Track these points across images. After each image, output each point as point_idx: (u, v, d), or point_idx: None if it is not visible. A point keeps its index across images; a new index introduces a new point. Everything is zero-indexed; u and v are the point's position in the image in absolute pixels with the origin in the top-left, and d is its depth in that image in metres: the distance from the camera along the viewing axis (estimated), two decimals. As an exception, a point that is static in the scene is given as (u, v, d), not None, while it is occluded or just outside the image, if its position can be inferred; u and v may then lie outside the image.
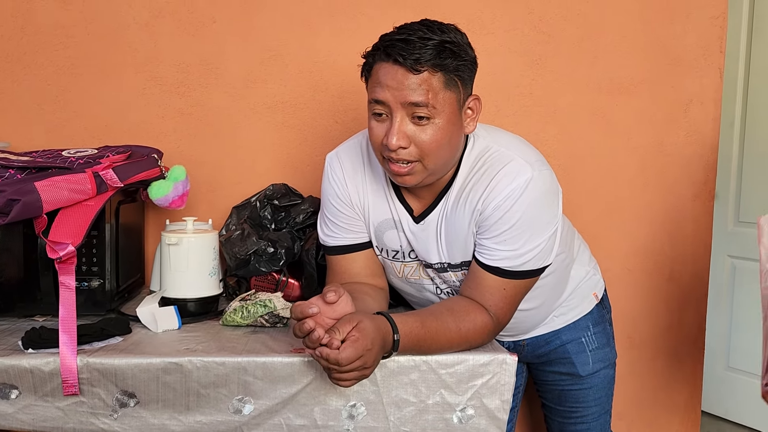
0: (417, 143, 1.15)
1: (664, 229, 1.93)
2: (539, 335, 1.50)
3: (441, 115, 1.14)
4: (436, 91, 1.13)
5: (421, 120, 1.14)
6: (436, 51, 1.11)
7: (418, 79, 1.12)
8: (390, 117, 1.15)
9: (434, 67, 1.12)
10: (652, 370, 1.96)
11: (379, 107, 1.16)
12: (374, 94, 1.16)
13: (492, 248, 1.22)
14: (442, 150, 1.17)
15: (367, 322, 1.07)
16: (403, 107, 1.13)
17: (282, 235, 1.60)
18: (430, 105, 1.13)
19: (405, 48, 1.11)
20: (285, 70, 1.80)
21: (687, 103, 1.91)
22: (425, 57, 1.11)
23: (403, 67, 1.11)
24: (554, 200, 1.25)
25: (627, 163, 1.91)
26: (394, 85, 1.12)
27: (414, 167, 1.18)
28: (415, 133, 1.15)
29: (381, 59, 1.15)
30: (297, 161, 1.81)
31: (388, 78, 1.13)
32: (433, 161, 1.17)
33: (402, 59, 1.11)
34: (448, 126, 1.16)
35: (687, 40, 1.88)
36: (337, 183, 1.34)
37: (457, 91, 1.16)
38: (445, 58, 1.12)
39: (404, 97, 1.12)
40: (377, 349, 1.07)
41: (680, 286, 1.94)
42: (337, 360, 1.02)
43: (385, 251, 1.37)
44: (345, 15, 1.79)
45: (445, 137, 1.16)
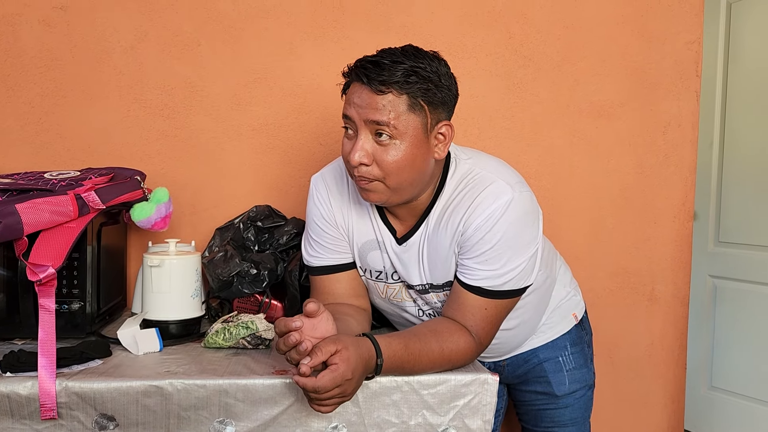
0: (378, 162, 1.18)
1: (644, 250, 1.95)
2: (519, 354, 1.50)
3: (404, 137, 1.16)
4: (399, 113, 1.15)
5: (382, 138, 1.16)
6: (404, 75, 1.14)
7: (382, 100, 1.15)
8: (356, 135, 1.19)
9: (399, 89, 1.14)
10: (633, 391, 1.97)
11: (347, 124, 1.20)
12: (343, 110, 1.20)
13: (474, 268, 1.23)
14: (404, 171, 1.19)
15: (351, 349, 1.06)
16: (366, 125, 1.17)
17: (265, 257, 1.60)
18: (392, 125, 1.15)
19: (373, 69, 1.15)
20: (269, 93, 1.81)
21: (665, 126, 1.94)
22: (391, 79, 1.14)
23: (368, 87, 1.15)
24: (534, 221, 1.27)
25: (607, 185, 1.93)
26: (359, 103, 1.16)
27: (375, 185, 1.20)
28: (377, 152, 1.17)
29: (354, 79, 1.19)
30: (281, 183, 1.82)
31: (355, 96, 1.17)
32: (395, 181, 1.19)
33: (367, 80, 1.15)
34: (411, 149, 1.17)
35: (664, 64, 1.93)
36: (322, 204, 1.36)
37: (423, 115, 1.17)
38: (413, 83, 1.15)
39: (367, 114, 1.16)
40: (358, 376, 1.07)
41: (661, 306, 1.96)
42: (314, 387, 1.02)
43: (369, 272, 1.38)
44: (329, 38, 1.82)
45: (407, 159, 1.18)
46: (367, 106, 1.16)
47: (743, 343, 2.71)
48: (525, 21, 1.87)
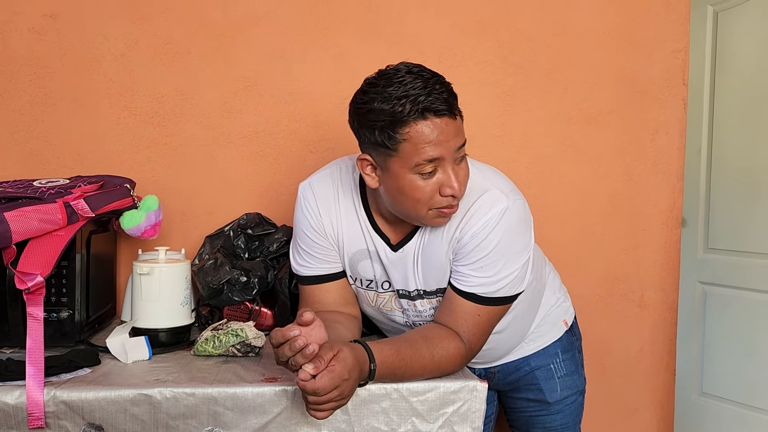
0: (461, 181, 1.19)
1: (633, 256, 1.97)
2: (510, 362, 1.51)
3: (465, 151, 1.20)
4: (463, 130, 1.19)
5: (460, 160, 1.18)
6: (451, 96, 1.15)
7: (457, 123, 1.16)
8: (441, 168, 1.16)
9: (457, 109, 1.17)
10: (623, 396, 1.98)
11: (430, 166, 1.15)
12: (427, 155, 1.13)
13: (468, 275, 1.24)
14: (468, 182, 1.22)
15: (346, 351, 1.07)
16: (452, 153, 1.16)
17: (255, 265, 1.60)
18: (465, 144, 1.18)
19: (439, 98, 1.12)
20: (260, 101, 1.82)
21: (653, 133, 1.96)
22: (451, 101, 1.14)
23: (447, 117, 1.13)
24: (527, 229, 1.29)
25: (596, 192, 1.95)
26: (444, 138, 1.13)
27: None
28: (458, 171, 1.18)
29: (419, 118, 1.12)
30: (271, 191, 1.82)
31: (438, 133, 1.12)
32: (462, 194, 1.21)
33: (444, 110, 1.12)
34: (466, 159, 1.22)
35: (652, 72, 1.95)
36: (310, 213, 1.35)
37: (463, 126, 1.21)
38: (455, 100, 1.16)
39: (453, 145, 1.15)
40: (354, 378, 1.07)
41: (650, 313, 1.98)
42: (314, 389, 1.02)
43: (359, 281, 1.38)
44: (320, 46, 1.83)
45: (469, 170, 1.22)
46: (453, 136, 1.14)
47: (733, 349, 2.71)
48: (515, 29, 1.89)
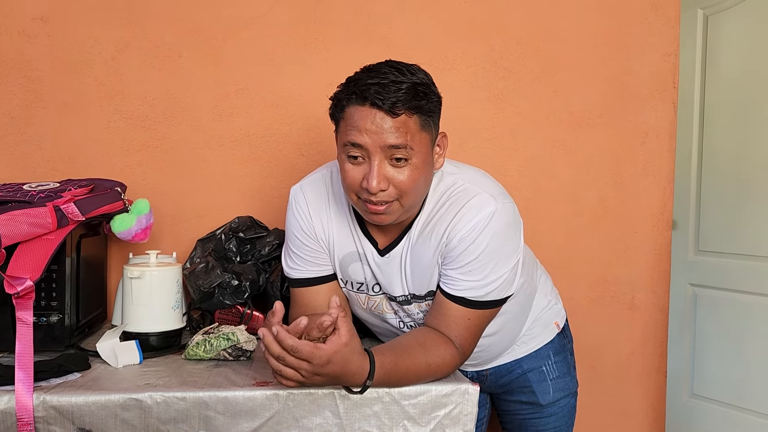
0: (395, 184, 1.17)
1: (624, 259, 1.97)
2: (502, 364, 1.51)
3: (417, 155, 1.16)
4: (413, 133, 1.15)
5: (399, 162, 1.15)
6: (411, 94, 1.13)
7: (396, 122, 1.13)
8: (368, 160, 1.16)
9: (410, 109, 1.13)
10: (615, 398, 1.98)
11: (355, 150, 1.16)
12: (350, 137, 1.15)
13: (457, 279, 1.24)
14: (419, 188, 1.20)
15: (348, 349, 1.06)
16: (381, 150, 1.14)
17: (247, 268, 1.60)
18: (408, 147, 1.14)
19: (381, 92, 1.12)
20: (251, 104, 1.81)
21: (643, 136, 1.97)
22: (401, 100, 1.12)
23: (381, 111, 1.12)
24: (516, 232, 1.29)
25: (587, 194, 1.95)
26: (373, 129, 1.13)
27: (391, 206, 1.19)
28: (393, 174, 1.16)
29: (356, 102, 1.14)
30: (263, 194, 1.82)
31: (366, 122, 1.13)
32: (410, 199, 1.20)
33: (380, 102, 1.12)
34: (423, 165, 1.18)
35: (642, 75, 1.96)
36: (301, 216, 1.35)
37: (430, 131, 1.19)
38: (420, 100, 1.14)
39: (383, 140, 1.13)
40: (329, 372, 1.05)
41: (641, 315, 1.98)
42: (292, 346, 1.01)
43: (350, 283, 1.38)
44: (310, 49, 1.83)
45: (421, 176, 1.18)
46: (383, 131, 1.13)
47: (724, 351, 2.73)
48: (505, 33, 1.89)
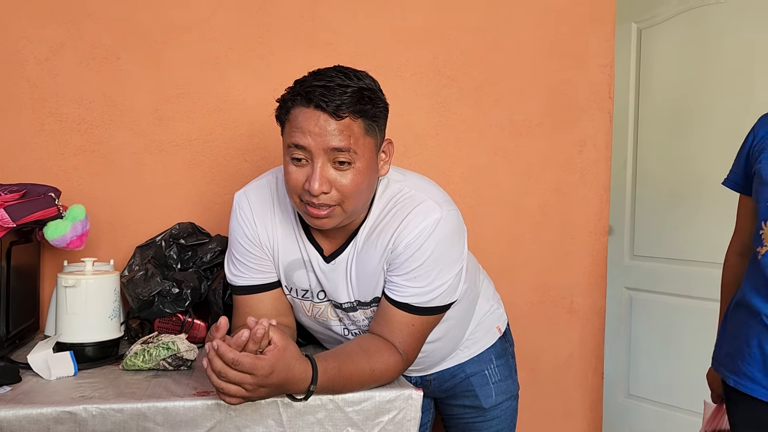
0: (338, 187, 1.17)
1: (563, 264, 2.03)
2: (445, 369, 1.53)
3: (361, 159, 1.17)
4: (357, 137, 1.15)
5: (342, 165, 1.15)
6: (356, 98, 1.14)
7: (340, 125, 1.13)
8: (311, 162, 1.16)
9: (355, 113, 1.14)
10: (554, 400, 2.03)
11: (299, 152, 1.16)
12: (294, 139, 1.15)
13: (402, 285, 1.26)
14: (362, 193, 1.20)
15: (288, 355, 1.07)
16: (324, 153, 1.14)
17: (188, 275, 1.57)
18: (352, 150, 1.14)
19: (326, 94, 1.12)
20: (193, 108, 1.78)
21: (581, 145, 2.03)
22: (346, 103, 1.13)
23: (326, 113, 1.13)
24: (461, 239, 1.31)
25: (528, 202, 2.00)
26: (316, 131, 1.13)
27: (333, 210, 1.19)
28: (336, 177, 1.16)
29: (300, 104, 1.15)
30: (205, 200, 1.79)
31: (310, 124, 1.13)
32: (353, 204, 1.20)
33: (324, 105, 1.12)
34: (366, 170, 1.18)
35: (579, 86, 2.02)
36: (245, 223, 1.34)
37: (375, 136, 1.19)
38: (365, 105, 1.15)
39: (326, 143, 1.13)
40: (273, 382, 1.06)
41: (579, 318, 2.04)
42: (234, 359, 1.00)
43: (294, 291, 1.37)
44: (255, 54, 1.81)
45: (365, 181, 1.19)
46: (326, 133, 1.13)
47: (658, 352, 2.85)
48: (448, 42, 1.92)
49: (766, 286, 1.32)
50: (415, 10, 1.90)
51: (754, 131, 1.45)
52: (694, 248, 2.67)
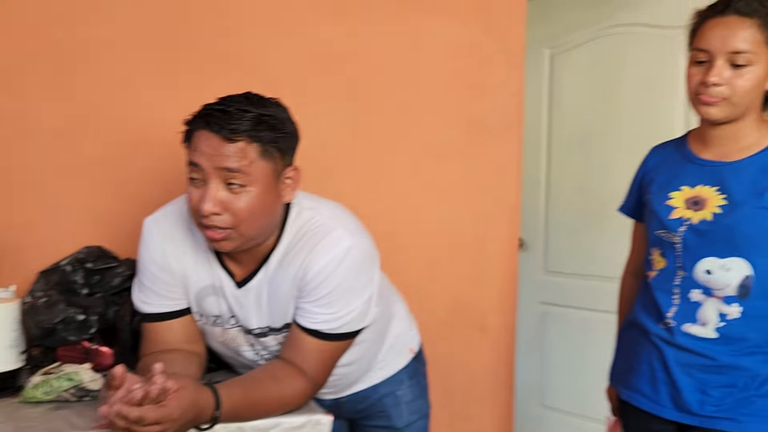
0: (231, 210, 1.18)
1: (477, 284, 2.09)
2: (358, 391, 1.55)
3: (256, 183, 1.19)
4: (251, 160, 1.17)
5: (234, 187, 1.17)
6: (253, 123, 1.17)
7: (233, 148, 1.16)
8: (205, 183, 1.18)
9: (250, 137, 1.17)
10: (467, 417, 2.09)
11: (195, 172, 1.19)
12: (191, 158, 1.19)
13: (312, 311, 1.27)
14: (257, 218, 1.21)
15: (188, 391, 1.06)
16: (217, 173, 1.17)
17: (95, 301, 1.53)
18: (244, 172, 1.17)
19: (222, 118, 1.16)
20: (104, 128, 1.74)
21: (495, 169, 2.11)
22: (242, 128, 1.16)
23: (219, 136, 1.16)
24: (371, 266, 1.34)
25: (443, 223, 2.06)
26: (209, 151, 1.16)
27: (229, 234, 1.20)
28: (229, 200, 1.18)
29: (200, 127, 1.19)
30: (114, 222, 1.74)
31: (204, 144, 1.17)
32: (248, 228, 1.21)
33: (218, 128, 1.16)
34: (263, 195, 1.20)
35: (493, 113, 2.10)
36: (155, 249, 1.33)
37: (273, 161, 1.21)
38: (262, 131, 1.18)
39: (218, 162, 1.16)
40: (184, 422, 1.06)
41: (492, 336, 2.11)
42: (138, 417, 1.00)
43: (205, 317, 1.37)
44: (169, 74, 1.79)
45: (260, 205, 1.20)
46: (218, 154, 1.16)
47: (571, 364, 2.97)
48: (367, 67, 1.96)
49: (655, 306, 1.42)
50: (332, 36, 1.93)
51: (645, 162, 1.55)
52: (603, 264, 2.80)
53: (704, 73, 1.32)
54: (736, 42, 1.29)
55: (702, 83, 1.32)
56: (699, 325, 1.36)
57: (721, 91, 1.30)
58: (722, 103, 1.31)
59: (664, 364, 1.39)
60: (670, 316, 1.39)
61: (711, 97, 1.31)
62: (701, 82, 1.32)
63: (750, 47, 1.28)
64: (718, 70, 1.30)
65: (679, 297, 1.39)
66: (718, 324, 1.34)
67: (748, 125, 1.36)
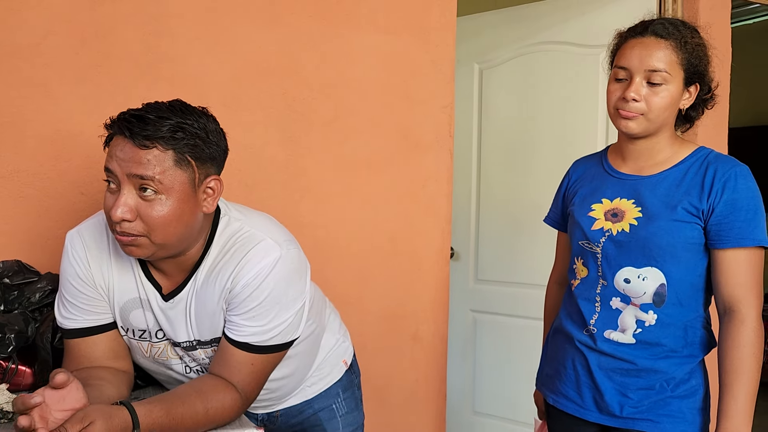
0: (143, 218, 1.16)
1: (410, 294, 2.12)
2: (292, 405, 1.54)
3: (170, 192, 1.16)
4: (165, 168, 1.15)
5: (147, 193, 1.15)
6: (171, 131, 1.15)
7: (147, 155, 1.14)
8: (119, 189, 1.16)
9: (165, 144, 1.15)
10: (402, 426, 2.11)
11: (108, 176, 1.17)
12: (106, 163, 1.17)
13: (241, 324, 1.25)
14: (170, 227, 1.18)
15: (99, 423, 1.02)
16: (129, 179, 1.15)
17: (13, 318, 1.45)
18: (157, 180, 1.15)
19: (137, 124, 1.14)
20: (21, 138, 1.66)
21: (425, 180, 2.15)
22: (156, 134, 1.14)
23: (131, 142, 1.14)
24: (301, 277, 1.33)
25: (377, 234, 2.08)
26: (122, 156, 1.15)
27: (138, 240, 1.18)
28: (141, 207, 1.16)
29: (116, 132, 1.17)
30: (34, 235, 1.67)
31: (118, 150, 1.16)
32: (161, 237, 1.18)
33: (130, 134, 1.14)
34: (178, 204, 1.18)
35: (424, 125, 2.14)
36: (78, 262, 1.29)
37: (190, 170, 1.18)
38: (179, 139, 1.16)
39: (130, 168, 1.14)
40: None
41: (424, 345, 2.14)
42: None
43: (131, 331, 1.33)
44: (92, 83, 1.73)
45: (174, 214, 1.18)
46: (130, 160, 1.14)
47: (500, 370, 3.04)
48: (298, 79, 1.96)
49: (578, 313, 1.48)
50: (264, 46, 1.92)
51: (568, 175, 1.62)
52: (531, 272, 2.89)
53: (623, 89, 1.40)
54: (653, 61, 1.37)
55: (622, 98, 1.40)
56: (619, 331, 1.43)
57: (639, 106, 1.38)
58: (639, 118, 1.39)
59: (587, 369, 1.45)
60: (592, 323, 1.45)
61: (629, 112, 1.39)
62: (621, 98, 1.40)
63: (666, 67, 1.37)
64: (636, 87, 1.38)
65: (600, 305, 1.45)
66: (636, 330, 1.41)
67: (663, 141, 1.44)
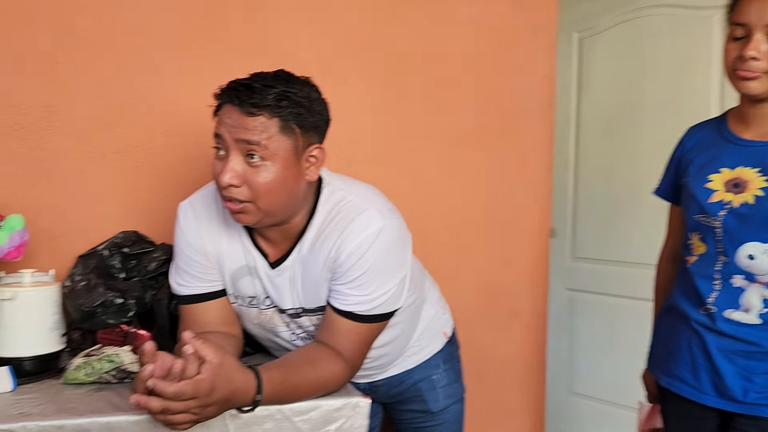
0: (249, 184, 1.19)
1: (507, 267, 2.08)
2: (393, 375, 1.55)
3: (275, 158, 1.18)
4: (271, 134, 1.17)
5: (254, 160, 1.18)
6: (276, 99, 1.17)
7: (254, 121, 1.17)
8: (227, 155, 1.19)
9: (271, 112, 1.17)
10: (499, 401, 2.09)
11: (218, 144, 1.21)
12: (215, 130, 1.21)
13: (345, 293, 1.27)
14: (275, 193, 1.20)
15: (225, 368, 1.05)
16: (237, 145, 1.18)
17: (132, 285, 1.55)
18: (263, 145, 1.17)
19: (245, 92, 1.17)
20: (136, 114, 1.75)
21: (525, 153, 2.09)
22: (263, 102, 1.16)
23: (240, 109, 1.17)
24: (404, 247, 1.33)
25: (473, 207, 2.05)
26: (231, 123, 1.18)
27: (246, 207, 1.21)
28: (248, 173, 1.18)
29: (225, 101, 1.20)
30: (149, 208, 1.76)
31: (227, 117, 1.19)
32: (267, 203, 1.21)
33: (239, 102, 1.17)
34: (282, 171, 1.20)
35: (522, 95, 2.08)
36: (190, 232, 1.34)
37: (294, 138, 1.20)
38: (284, 107, 1.18)
39: (238, 134, 1.17)
40: (218, 398, 1.05)
41: (522, 320, 2.10)
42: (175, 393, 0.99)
43: (241, 298, 1.37)
44: (200, 60, 1.79)
45: (278, 181, 1.20)
46: (238, 126, 1.17)
47: (598, 350, 2.95)
48: (394, 50, 1.95)
49: (694, 292, 1.39)
50: (361, 20, 1.92)
51: (682, 143, 1.52)
52: (633, 250, 2.77)
53: (742, 47, 1.29)
54: None
55: (739, 57, 1.29)
56: (742, 311, 1.33)
57: (760, 65, 1.27)
58: (762, 78, 1.28)
59: (705, 351, 1.36)
60: (710, 301, 1.36)
61: (749, 72, 1.28)
62: (738, 57, 1.29)
63: None
64: (755, 44, 1.27)
65: (720, 282, 1.36)
66: (762, 310, 1.32)
67: None
